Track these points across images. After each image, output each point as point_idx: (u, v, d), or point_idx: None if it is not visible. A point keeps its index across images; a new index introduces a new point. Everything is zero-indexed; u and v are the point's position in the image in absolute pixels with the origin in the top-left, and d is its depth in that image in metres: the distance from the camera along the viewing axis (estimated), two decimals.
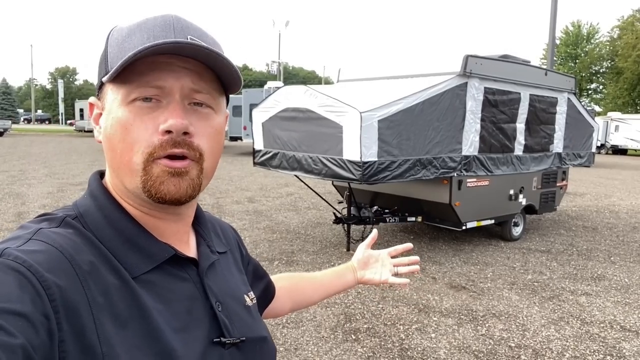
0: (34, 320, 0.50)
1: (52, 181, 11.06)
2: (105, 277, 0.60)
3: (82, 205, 0.67)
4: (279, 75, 39.86)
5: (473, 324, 4.06)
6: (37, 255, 0.55)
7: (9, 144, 23.68)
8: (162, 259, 0.66)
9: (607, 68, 44.68)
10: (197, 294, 0.68)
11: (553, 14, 13.30)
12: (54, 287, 0.54)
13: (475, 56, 5.71)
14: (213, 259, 0.75)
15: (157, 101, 0.62)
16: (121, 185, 0.66)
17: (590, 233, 7.62)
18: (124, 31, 0.65)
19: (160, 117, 0.62)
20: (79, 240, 0.61)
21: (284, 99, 5.63)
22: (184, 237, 0.73)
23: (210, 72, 0.65)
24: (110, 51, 0.64)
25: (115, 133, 0.63)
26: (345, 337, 3.76)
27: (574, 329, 4.03)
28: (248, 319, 0.76)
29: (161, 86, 0.61)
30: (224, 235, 0.88)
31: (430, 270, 5.44)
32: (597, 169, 18.42)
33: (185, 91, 0.63)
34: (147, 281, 0.64)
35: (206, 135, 0.65)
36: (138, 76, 0.61)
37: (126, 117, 0.62)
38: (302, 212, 8.53)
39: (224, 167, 15.38)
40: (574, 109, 7.58)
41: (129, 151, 0.62)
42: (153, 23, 0.64)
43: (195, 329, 0.66)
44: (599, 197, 11.47)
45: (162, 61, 0.61)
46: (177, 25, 0.64)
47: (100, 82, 0.66)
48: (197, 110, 0.64)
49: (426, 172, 5.32)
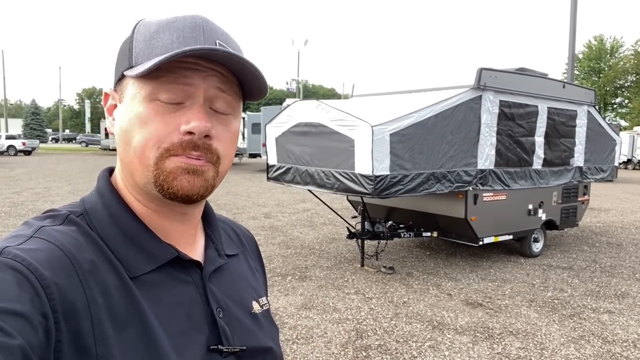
0: (33, 320, 0.49)
1: (75, 198, 11.25)
2: (106, 276, 0.59)
3: (89, 202, 0.67)
4: (298, 93, 40.26)
5: (489, 342, 3.93)
6: (37, 254, 0.55)
7: (36, 162, 24.39)
8: (164, 260, 0.65)
9: (632, 82, 43.76)
10: (198, 298, 0.67)
11: (572, 28, 13.14)
12: (53, 286, 0.53)
13: (489, 69, 5.66)
14: (220, 263, 0.73)
15: (181, 102, 0.62)
16: (131, 179, 0.65)
17: (614, 249, 7.37)
18: (152, 27, 0.64)
19: (182, 117, 0.61)
20: (81, 238, 0.61)
21: (297, 113, 5.65)
22: (190, 239, 0.71)
23: (234, 76, 0.65)
24: (136, 45, 0.63)
25: (133, 127, 0.62)
26: (356, 354, 3.68)
27: (595, 347, 3.87)
28: (253, 327, 0.73)
29: (189, 83, 0.61)
30: (238, 238, 0.85)
31: (446, 286, 5.32)
32: (622, 185, 17.92)
33: (210, 93, 0.63)
34: (148, 282, 0.62)
35: (224, 140, 0.65)
36: (164, 73, 0.60)
37: (147, 112, 0.61)
38: (317, 227, 8.49)
39: (242, 183, 15.49)
40: (594, 122, 7.42)
41: (144, 145, 0.61)
42: (183, 23, 0.63)
43: (193, 335, 0.64)
44: (625, 213, 11.13)
45: (190, 61, 0.61)
46: (206, 27, 0.63)
47: (121, 74, 0.65)
48: (218, 115, 0.64)
49: (440, 186, 5.25)
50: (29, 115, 51.34)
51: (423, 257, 6.62)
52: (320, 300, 4.79)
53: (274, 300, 4.75)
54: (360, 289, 5.18)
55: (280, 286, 5.20)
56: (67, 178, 16.13)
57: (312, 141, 5.41)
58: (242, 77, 0.65)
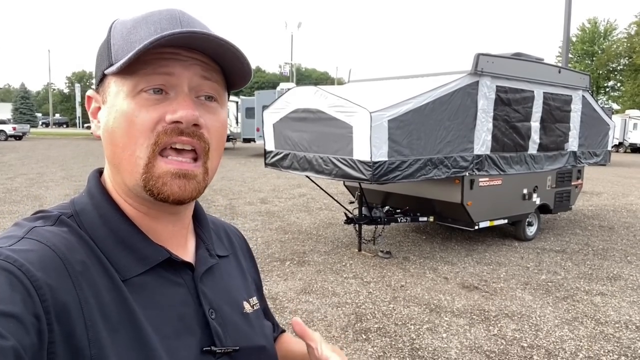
0: (25, 321, 0.49)
1: (69, 184, 11.25)
2: (97, 278, 0.59)
3: (79, 203, 0.66)
4: (291, 76, 39.98)
5: (485, 324, 4.03)
6: (29, 255, 0.54)
7: (28, 147, 24.15)
8: (155, 261, 0.64)
9: (624, 65, 43.84)
10: (190, 299, 0.66)
11: (567, 11, 13.12)
12: (45, 287, 0.52)
13: (486, 54, 5.67)
14: (211, 263, 0.73)
15: (165, 93, 0.60)
16: (121, 181, 0.64)
17: (606, 232, 7.49)
18: (128, 24, 0.63)
19: (167, 107, 0.60)
20: (73, 239, 0.60)
21: (295, 99, 5.65)
22: (181, 240, 0.71)
23: (216, 65, 0.64)
24: (114, 43, 0.62)
25: (118, 126, 0.61)
26: (356, 336, 3.76)
27: (588, 329, 3.98)
28: (245, 327, 0.73)
29: (170, 73, 0.60)
30: (228, 238, 0.85)
31: (443, 270, 5.41)
32: (614, 168, 18.11)
33: (194, 82, 0.61)
34: (139, 284, 0.62)
35: (214, 130, 0.64)
36: (144, 66, 0.59)
37: (132, 109, 0.60)
38: (314, 212, 8.55)
39: (237, 168, 15.48)
40: (588, 107, 7.47)
41: (132, 145, 0.60)
42: (159, 16, 0.62)
43: (185, 337, 0.64)
44: (617, 196, 11.28)
45: (169, 51, 0.60)
46: (183, 19, 0.63)
47: (101, 75, 0.64)
48: (205, 104, 0.63)
49: (437, 172, 5.29)
50: (18, 99, 50.66)
51: (419, 241, 6.71)
52: (319, 285, 4.86)
53: (274, 285, 4.82)
54: (358, 273, 5.25)
55: (279, 271, 5.26)
56: (60, 163, 16.01)
57: (311, 127, 5.42)
58: (224, 64, 0.64)
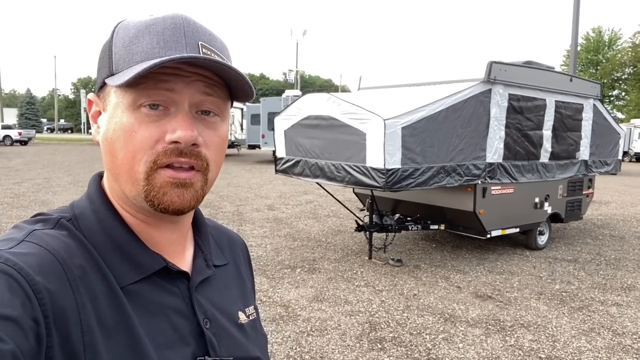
0: (24, 324, 0.49)
1: (76, 189, 11.25)
2: (95, 283, 0.58)
3: (78, 207, 0.66)
4: (296, 83, 40.12)
5: (501, 334, 3.98)
6: (29, 258, 0.54)
7: (33, 152, 24.24)
8: (151, 270, 0.64)
9: (629, 74, 43.80)
10: (185, 309, 0.66)
11: (575, 20, 13.12)
12: (45, 291, 0.52)
13: (499, 62, 5.66)
14: (207, 274, 0.72)
15: (164, 109, 0.60)
16: (120, 191, 0.64)
17: (617, 242, 7.43)
18: (131, 31, 0.61)
19: (167, 125, 0.59)
20: (73, 243, 0.60)
21: (306, 106, 5.64)
22: (178, 248, 0.70)
23: (219, 78, 0.63)
24: (116, 51, 0.61)
25: (117, 139, 0.60)
26: (371, 346, 3.71)
27: (605, 340, 3.92)
28: (240, 337, 0.73)
29: (171, 89, 0.59)
30: (230, 246, 0.84)
31: (455, 279, 5.36)
32: (621, 177, 18.01)
33: (195, 99, 0.61)
34: (135, 292, 0.61)
35: (213, 145, 0.64)
36: (145, 80, 0.58)
37: (131, 123, 0.59)
38: (322, 219, 8.51)
39: (243, 174, 15.47)
40: (599, 116, 7.44)
41: (130, 159, 0.60)
42: (162, 25, 0.61)
43: (180, 346, 0.63)
44: (625, 206, 11.21)
45: (172, 66, 0.59)
46: (187, 28, 0.61)
47: (102, 82, 0.63)
48: (205, 120, 0.63)
49: (450, 180, 5.26)
50: (23, 104, 51.01)
51: (429, 249, 6.66)
52: (331, 293, 4.82)
53: (285, 293, 4.78)
54: (369, 281, 5.21)
55: (290, 278, 5.23)
56: (66, 169, 16.04)
57: (323, 134, 5.40)
58: (228, 78, 0.63)
